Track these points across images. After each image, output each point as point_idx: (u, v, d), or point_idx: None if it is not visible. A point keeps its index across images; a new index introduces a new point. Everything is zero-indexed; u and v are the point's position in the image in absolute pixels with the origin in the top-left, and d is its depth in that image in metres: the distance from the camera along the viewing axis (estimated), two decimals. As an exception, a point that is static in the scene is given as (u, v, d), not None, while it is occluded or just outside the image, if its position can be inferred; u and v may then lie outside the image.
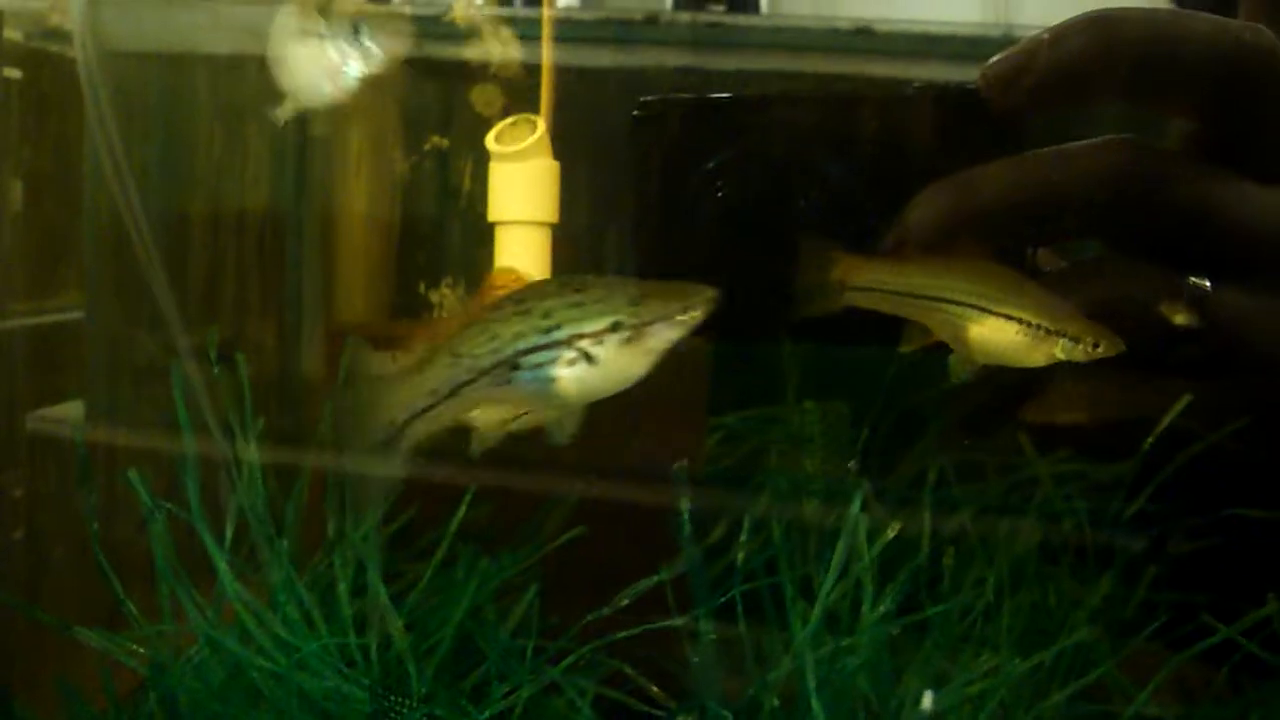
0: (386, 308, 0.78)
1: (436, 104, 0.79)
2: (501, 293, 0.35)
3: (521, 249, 0.55)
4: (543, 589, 0.45)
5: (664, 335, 0.36)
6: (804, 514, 0.56)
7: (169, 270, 0.80)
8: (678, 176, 0.44)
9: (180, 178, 0.88)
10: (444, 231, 0.77)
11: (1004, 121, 0.43)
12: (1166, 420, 0.42)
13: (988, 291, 0.40)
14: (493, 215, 0.56)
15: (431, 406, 0.35)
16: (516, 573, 0.44)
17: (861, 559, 0.42)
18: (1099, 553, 0.54)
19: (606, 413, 0.47)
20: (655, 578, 0.41)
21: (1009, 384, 0.46)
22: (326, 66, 0.50)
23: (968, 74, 0.47)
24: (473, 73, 0.79)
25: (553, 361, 0.35)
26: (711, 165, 0.45)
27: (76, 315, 0.91)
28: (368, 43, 0.49)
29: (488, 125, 0.77)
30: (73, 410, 0.94)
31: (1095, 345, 0.40)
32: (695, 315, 0.36)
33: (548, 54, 0.61)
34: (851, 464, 0.46)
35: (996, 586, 0.49)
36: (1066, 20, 0.42)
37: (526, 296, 0.35)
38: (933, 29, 1.06)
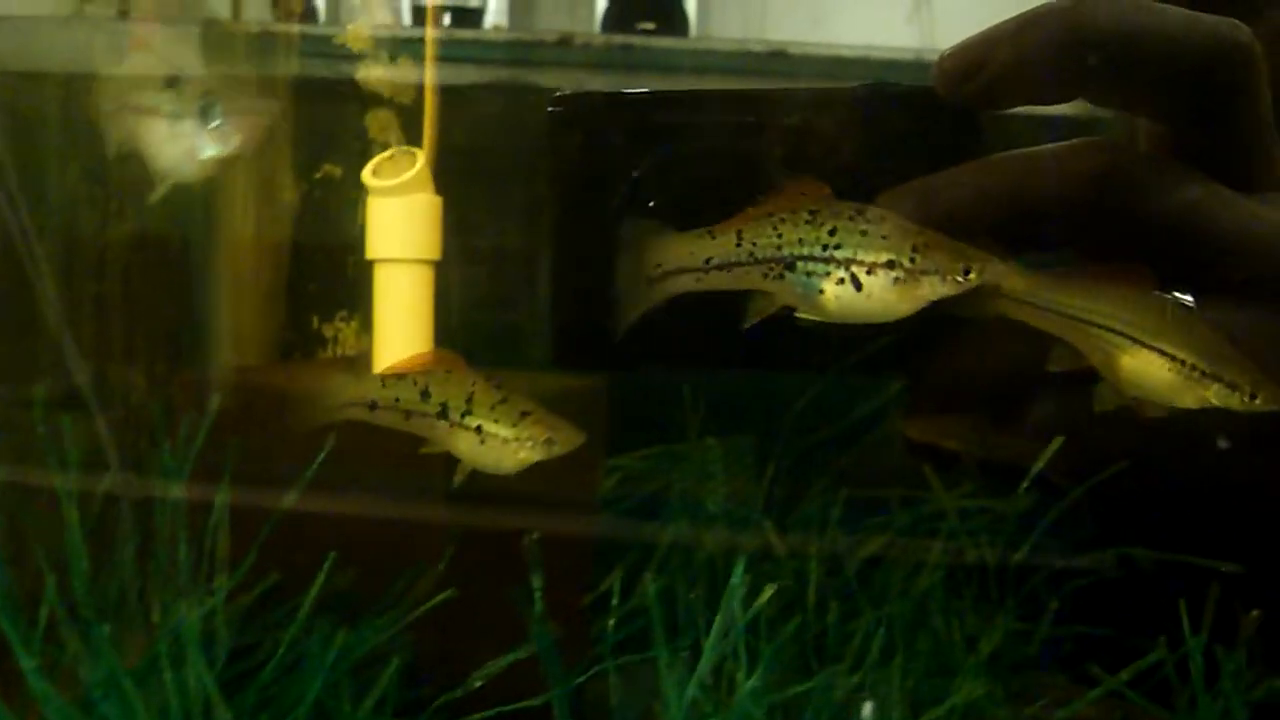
0: (276, 342, 0.74)
1: (329, 129, 0.76)
2: (797, 199, 0.37)
3: (402, 287, 0.52)
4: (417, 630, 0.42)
5: (935, 288, 0.37)
6: (702, 551, 0.55)
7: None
8: (599, 179, 0.41)
9: (54, 202, 0.83)
10: (337, 263, 0.74)
11: (956, 119, 0.40)
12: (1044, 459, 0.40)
13: (1145, 322, 0.38)
14: (371, 253, 0.53)
15: (699, 271, 0.37)
16: (383, 640, 0.41)
17: (758, 623, 0.40)
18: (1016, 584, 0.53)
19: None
20: (511, 656, 0.39)
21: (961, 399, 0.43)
22: (185, 147, 0.46)
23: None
24: (368, 97, 0.76)
25: (825, 275, 0.37)
26: (638, 168, 0.42)
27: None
28: (219, 122, 0.45)
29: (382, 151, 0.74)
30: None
31: (1253, 396, 0.38)
32: (972, 279, 0.37)
33: (430, 78, 0.58)
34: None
35: (891, 631, 0.47)
36: (1031, 9, 0.39)
37: (821, 209, 0.37)
38: (846, 51, 1.06)
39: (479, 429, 0.41)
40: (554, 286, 0.43)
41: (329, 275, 0.75)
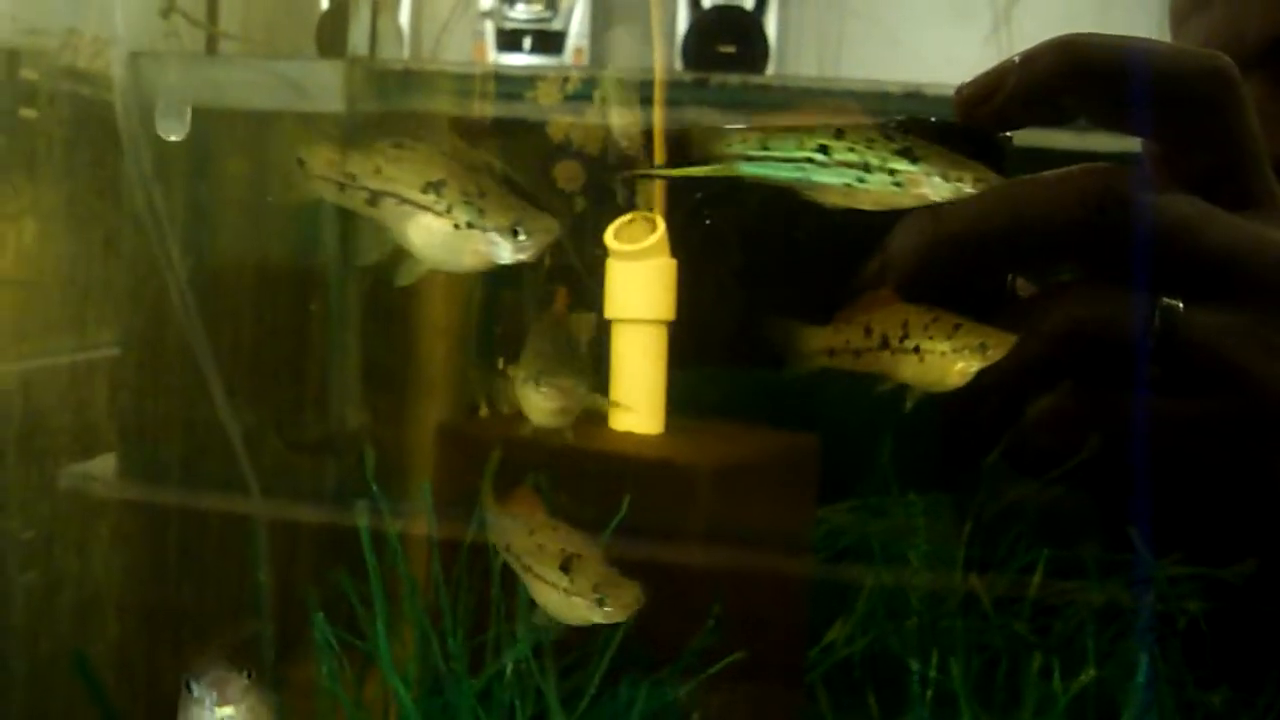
0: (462, 383, 0.77)
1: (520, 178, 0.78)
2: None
3: (640, 347, 0.54)
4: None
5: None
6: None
7: (213, 328, 0.79)
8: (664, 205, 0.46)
9: (225, 233, 0.86)
10: (524, 306, 0.76)
11: (984, 151, 0.43)
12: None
13: None
14: (610, 313, 0.55)
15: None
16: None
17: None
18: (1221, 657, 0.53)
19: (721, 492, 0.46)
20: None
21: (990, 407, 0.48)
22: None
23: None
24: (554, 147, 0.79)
25: None
26: (698, 194, 0.47)
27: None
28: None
29: (569, 200, 0.77)
30: (104, 465, 0.92)
31: None
32: None
33: (659, 126, 0.60)
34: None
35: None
36: (1039, 43, 0.44)
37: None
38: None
39: (917, 349, 0.44)
40: None
41: (513, 318, 0.77)
